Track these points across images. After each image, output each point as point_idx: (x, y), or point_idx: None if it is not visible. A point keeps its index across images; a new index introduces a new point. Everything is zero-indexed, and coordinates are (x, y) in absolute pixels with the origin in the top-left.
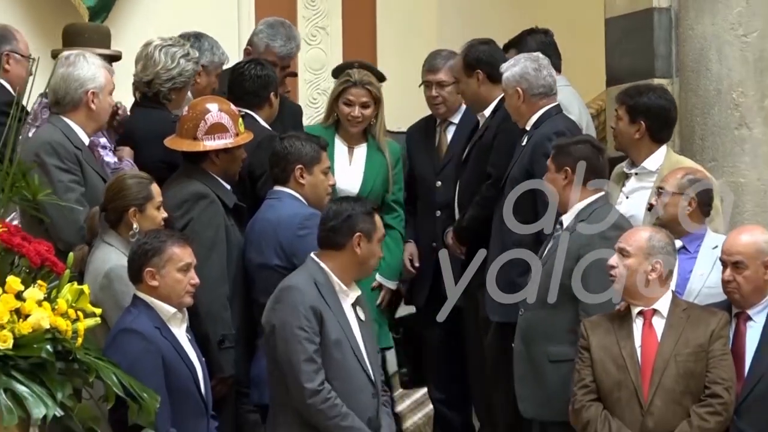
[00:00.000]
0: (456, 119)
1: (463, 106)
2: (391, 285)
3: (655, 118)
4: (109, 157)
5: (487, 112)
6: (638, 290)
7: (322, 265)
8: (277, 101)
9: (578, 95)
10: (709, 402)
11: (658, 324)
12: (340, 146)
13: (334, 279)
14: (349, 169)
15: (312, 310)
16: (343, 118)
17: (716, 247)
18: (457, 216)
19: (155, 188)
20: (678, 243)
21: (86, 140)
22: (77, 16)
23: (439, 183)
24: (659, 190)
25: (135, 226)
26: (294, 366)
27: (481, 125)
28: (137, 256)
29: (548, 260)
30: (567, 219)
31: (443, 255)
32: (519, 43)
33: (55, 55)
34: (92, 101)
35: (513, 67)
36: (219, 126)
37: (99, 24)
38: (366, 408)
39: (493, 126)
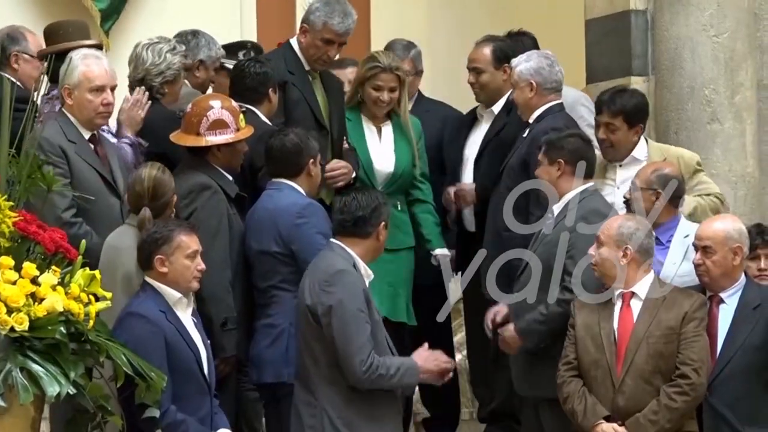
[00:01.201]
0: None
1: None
2: (448, 252)
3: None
4: (113, 139)
5: (497, 107)
6: (614, 275)
7: (349, 251)
8: (276, 97)
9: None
10: (678, 382)
11: (636, 306)
12: (367, 125)
13: (360, 263)
14: (380, 147)
15: (364, 293)
16: (370, 101)
17: (687, 236)
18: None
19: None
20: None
21: (86, 134)
22: (90, 18)
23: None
24: (633, 186)
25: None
26: (354, 344)
27: (492, 120)
28: (147, 244)
29: (539, 246)
30: (557, 208)
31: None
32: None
33: (39, 56)
34: (68, 97)
35: (527, 62)
36: (220, 122)
37: (76, 19)
38: None
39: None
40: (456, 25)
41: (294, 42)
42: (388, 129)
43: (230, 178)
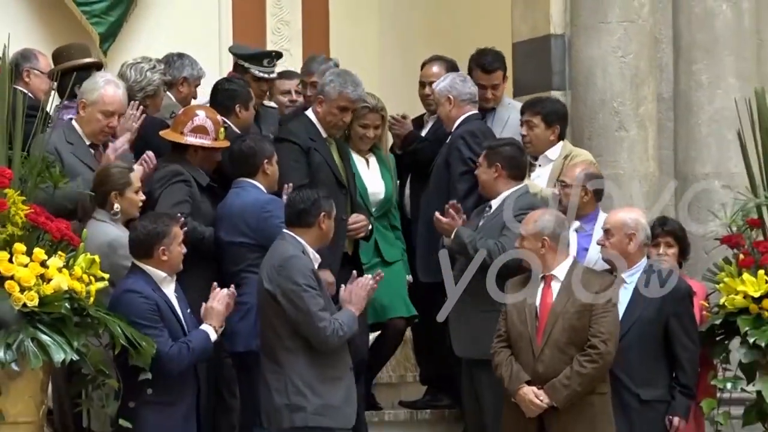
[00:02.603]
0: None
1: None
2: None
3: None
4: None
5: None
6: (537, 263)
7: (299, 239)
8: (246, 112)
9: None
10: (588, 352)
11: (556, 286)
12: (356, 156)
13: (309, 249)
14: (370, 175)
15: (313, 273)
16: (356, 137)
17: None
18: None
19: (134, 176)
20: (576, 223)
21: (87, 141)
22: (91, 40)
23: None
24: (562, 183)
25: (116, 206)
26: (314, 317)
27: (432, 124)
28: (150, 237)
29: (485, 230)
30: (495, 203)
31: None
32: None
33: (52, 73)
34: (83, 109)
35: (443, 81)
36: (202, 128)
37: (79, 42)
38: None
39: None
40: (403, 45)
41: (310, 113)
42: (373, 159)
43: (202, 171)
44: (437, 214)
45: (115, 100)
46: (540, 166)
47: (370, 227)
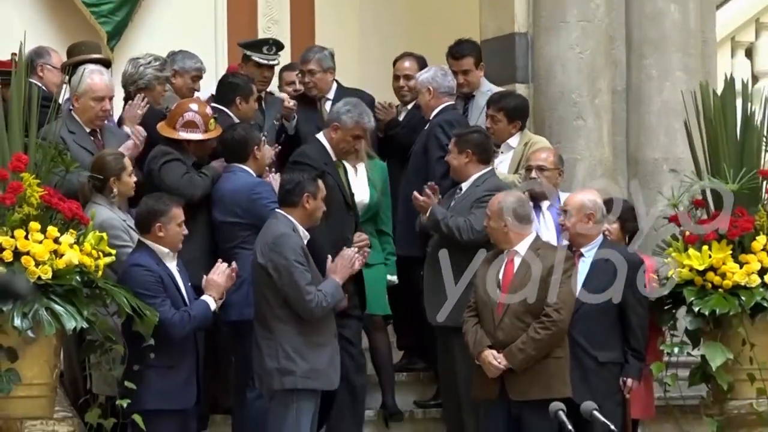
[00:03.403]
0: (331, 95)
1: (334, 85)
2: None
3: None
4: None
5: (410, 105)
6: (501, 241)
7: (290, 217)
8: (246, 105)
9: None
10: (542, 320)
11: (517, 261)
12: (347, 165)
13: (299, 227)
14: (356, 181)
15: (302, 249)
16: None
17: None
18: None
19: (127, 161)
20: (547, 203)
21: (87, 129)
22: (99, 38)
23: None
24: (540, 167)
25: (114, 190)
26: (302, 290)
27: (406, 113)
28: (149, 214)
29: (453, 212)
30: (465, 186)
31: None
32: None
33: (65, 66)
34: (76, 101)
35: (426, 73)
36: (192, 123)
37: (92, 40)
38: None
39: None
40: (381, 41)
41: (321, 137)
42: (361, 167)
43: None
44: (415, 193)
45: (101, 86)
46: (502, 152)
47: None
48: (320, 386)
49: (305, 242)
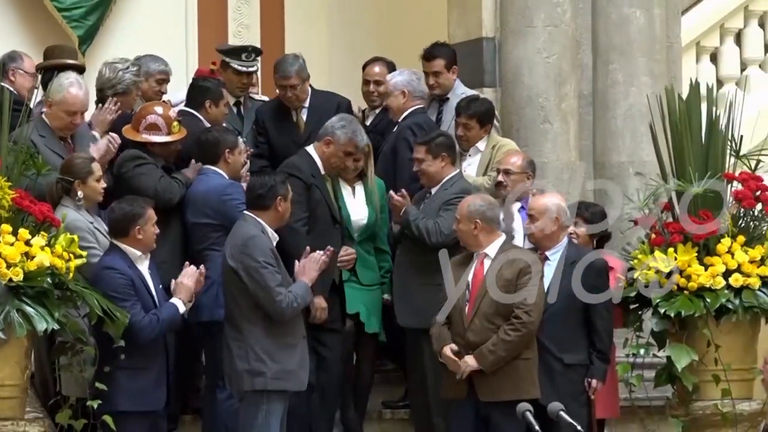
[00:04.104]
0: (306, 103)
1: (309, 90)
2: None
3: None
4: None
5: (378, 109)
6: (471, 244)
7: (259, 219)
8: (216, 108)
9: None
10: (513, 321)
11: (487, 263)
12: (343, 185)
13: (269, 229)
14: (354, 202)
15: (271, 252)
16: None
17: None
18: None
19: (96, 166)
20: (518, 204)
21: (58, 134)
22: (71, 42)
23: None
24: (506, 171)
25: (80, 193)
26: (272, 291)
27: (373, 117)
28: (126, 218)
29: (424, 211)
30: (434, 189)
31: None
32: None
33: (39, 68)
34: (48, 107)
35: (400, 76)
36: (154, 125)
37: (67, 44)
38: None
39: (384, 122)
40: (350, 46)
41: (311, 150)
42: (359, 188)
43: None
44: (391, 192)
45: (77, 101)
46: (470, 155)
47: (355, 256)
48: (290, 387)
49: (274, 244)
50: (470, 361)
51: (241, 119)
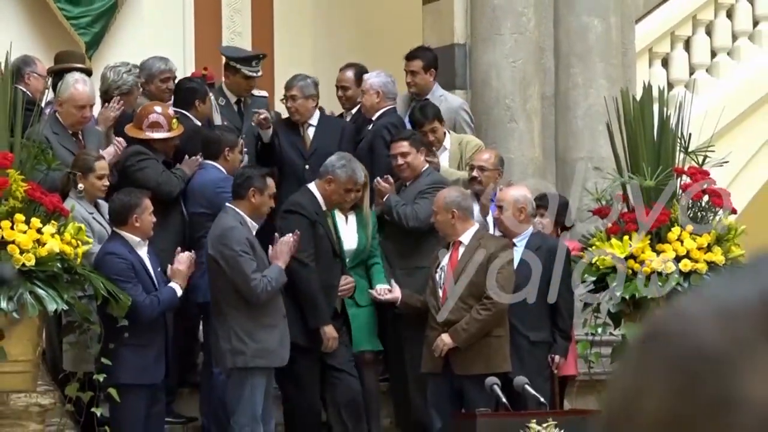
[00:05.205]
0: (313, 121)
1: (317, 112)
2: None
3: None
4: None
5: (353, 110)
6: (448, 232)
7: (239, 210)
8: (204, 105)
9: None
10: (483, 302)
11: (461, 250)
12: (338, 213)
13: (248, 219)
14: (347, 230)
15: (247, 241)
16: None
17: None
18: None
19: (99, 164)
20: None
21: (70, 130)
22: (78, 48)
23: (307, 167)
24: (480, 167)
25: (80, 186)
26: (247, 277)
27: (349, 119)
28: (125, 207)
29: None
30: (411, 180)
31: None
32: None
33: (50, 72)
34: (59, 106)
35: (377, 77)
36: (157, 124)
37: (76, 50)
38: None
39: (358, 121)
40: (332, 53)
41: (313, 187)
42: (352, 217)
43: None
44: (378, 178)
45: (83, 96)
46: (439, 153)
47: (353, 284)
48: (270, 364)
49: (254, 233)
50: (446, 339)
51: (241, 116)
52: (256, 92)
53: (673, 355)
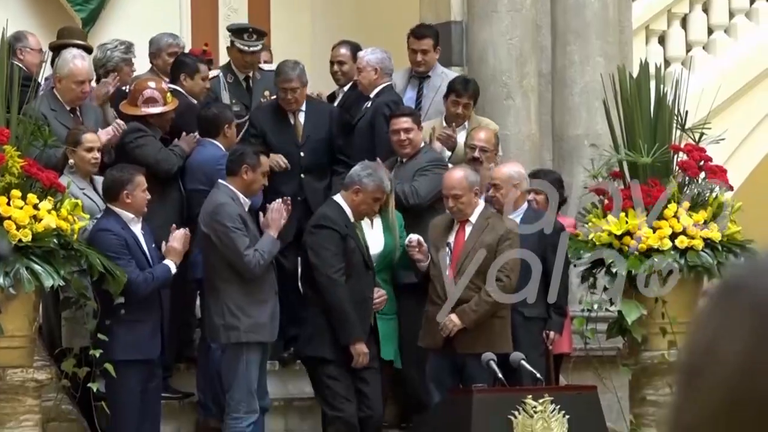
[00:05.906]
0: (303, 108)
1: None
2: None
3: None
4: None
5: (346, 87)
6: (468, 212)
7: (231, 187)
8: (191, 81)
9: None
10: (493, 284)
11: (468, 228)
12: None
13: (240, 196)
14: (373, 234)
15: (240, 217)
16: None
17: None
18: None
19: (87, 137)
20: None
21: (67, 106)
22: (73, 23)
23: (302, 154)
24: (483, 149)
25: (70, 161)
26: (240, 251)
27: (342, 95)
28: (115, 183)
29: (399, 177)
30: (408, 156)
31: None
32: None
33: (50, 47)
34: (58, 82)
35: (373, 54)
36: (152, 99)
37: (78, 27)
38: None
39: (352, 97)
40: (330, 30)
41: (339, 199)
42: (378, 222)
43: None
44: (378, 159)
45: (83, 71)
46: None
47: (386, 297)
48: (262, 338)
49: (246, 209)
50: (455, 320)
51: (249, 93)
52: (265, 67)
53: (753, 303)
